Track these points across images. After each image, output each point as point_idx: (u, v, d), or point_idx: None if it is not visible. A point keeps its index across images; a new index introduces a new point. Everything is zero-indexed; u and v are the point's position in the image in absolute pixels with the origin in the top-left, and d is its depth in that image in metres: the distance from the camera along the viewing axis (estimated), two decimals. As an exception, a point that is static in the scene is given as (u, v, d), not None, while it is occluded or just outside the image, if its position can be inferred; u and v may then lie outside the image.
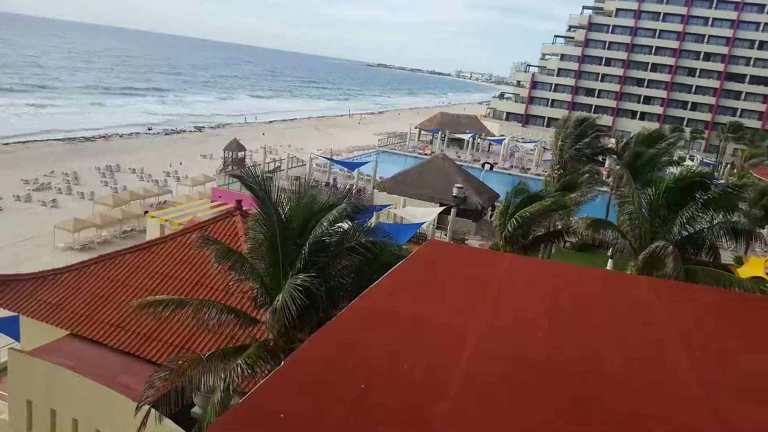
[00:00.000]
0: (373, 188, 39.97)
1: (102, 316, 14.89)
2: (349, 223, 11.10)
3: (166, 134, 69.02)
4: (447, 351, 4.68)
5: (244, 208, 17.23)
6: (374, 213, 28.04)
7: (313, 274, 9.71)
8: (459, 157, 65.83)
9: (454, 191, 35.99)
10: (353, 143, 69.73)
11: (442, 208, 34.19)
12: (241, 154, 48.24)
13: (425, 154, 62.86)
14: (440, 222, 35.00)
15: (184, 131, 72.87)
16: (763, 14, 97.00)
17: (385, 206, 33.52)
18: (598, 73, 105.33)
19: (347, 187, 13.90)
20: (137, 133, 67.37)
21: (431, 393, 3.98)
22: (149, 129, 70.36)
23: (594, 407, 3.96)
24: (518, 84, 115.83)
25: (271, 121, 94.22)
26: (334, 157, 52.73)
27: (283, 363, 4.20)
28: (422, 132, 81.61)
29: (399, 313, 5.29)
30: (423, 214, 32.03)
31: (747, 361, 4.72)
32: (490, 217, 35.37)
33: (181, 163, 49.75)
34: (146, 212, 31.08)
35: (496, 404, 3.96)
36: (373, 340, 4.70)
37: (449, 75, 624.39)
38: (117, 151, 54.25)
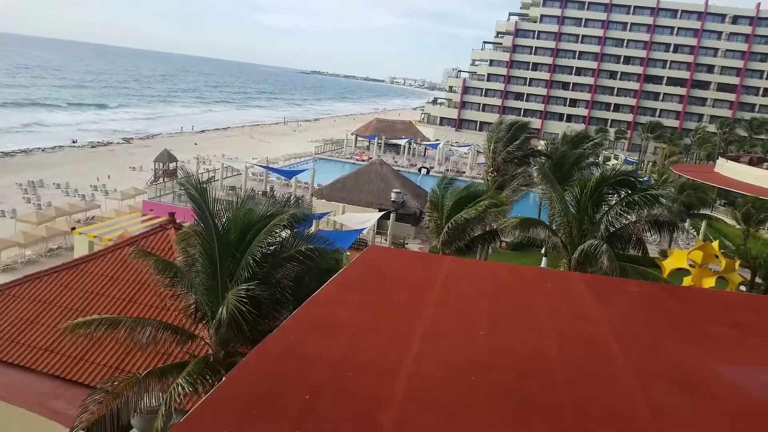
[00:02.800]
0: (312, 196, 39.67)
1: (29, 340, 14.01)
2: (289, 232, 10.94)
3: (92, 147, 65.92)
4: (391, 356, 4.67)
5: (177, 221, 16.67)
6: (313, 221, 27.81)
7: (257, 281, 9.51)
8: (396, 162, 66.44)
9: (393, 196, 36.24)
10: (289, 151, 69.01)
11: (382, 213, 34.36)
12: (172, 165, 46.72)
13: (362, 160, 63.07)
14: (380, 227, 35.15)
15: (111, 143, 69.88)
16: (676, 19, 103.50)
17: (325, 214, 33.33)
18: (526, 78, 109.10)
19: (285, 195, 13.72)
20: (61, 146, 63.96)
21: (378, 399, 3.96)
22: (74, 142, 66.98)
23: (537, 403, 4.04)
24: (450, 89, 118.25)
25: (203, 131, 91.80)
26: (271, 166, 51.98)
27: (224, 378, 4.07)
28: (359, 138, 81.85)
29: (342, 320, 5.24)
30: (362, 220, 32.06)
31: (675, 351, 4.96)
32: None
33: (108, 176, 47.63)
34: (73, 229, 29.51)
35: (442, 405, 3.98)
36: (317, 349, 4.62)
37: (383, 81, 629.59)
38: (39, 166, 51.29)
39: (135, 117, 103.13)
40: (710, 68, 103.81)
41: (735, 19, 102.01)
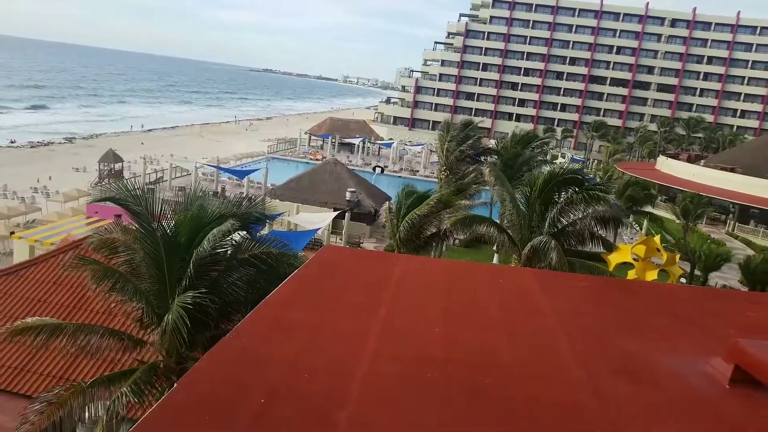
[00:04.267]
0: (265, 196, 39.15)
1: (-38, 352, 13.30)
2: (241, 233, 10.76)
3: (32, 147, 63.00)
4: (347, 356, 4.68)
5: (125, 224, 16.14)
6: (267, 222, 27.43)
7: (204, 291, 9.28)
8: (350, 161, 66.37)
9: (347, 195, 36.19)
10: (241, 150, 67.82)
11: (336, 212, 34.26)
12: (118, 165, 45.25)
13: (316, 160, 62.72)
14: (335, 227, 35.03)
15: (53, 143, 66.96)
16: (618, 22, 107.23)
17: (278, 214, 32.94)
18: (477, 78, 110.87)
19: (237, 196, 13.47)
20: (-3, 146, 60.94)
21: (334, 399, 3.96)
22: (12, 142, 63.85)
23: (491, 397, 4.12)
24: (403, 89, 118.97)
25: (150, 130, 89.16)
26: (222, 165, 50.97)
27: (175, 385, 3.97)
28: (312, 137, 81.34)
29: (297, 322, 5.20)
30: (317, 220, 31.87)
31: (621, 342, 5.15)
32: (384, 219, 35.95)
33: (50, 178, 45.64)
34: (12, 233, 28.15)
35: (398, 402, 4.01)
36: (271, 352, 4.58)
37: (336, 80, 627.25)
38: (-28, 168, 48.67)
39: (78, 116, 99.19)
40: (650, 69, 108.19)
41: (673, 23, 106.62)
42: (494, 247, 29.02)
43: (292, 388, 4.04)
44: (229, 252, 10.51)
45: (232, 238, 10.57)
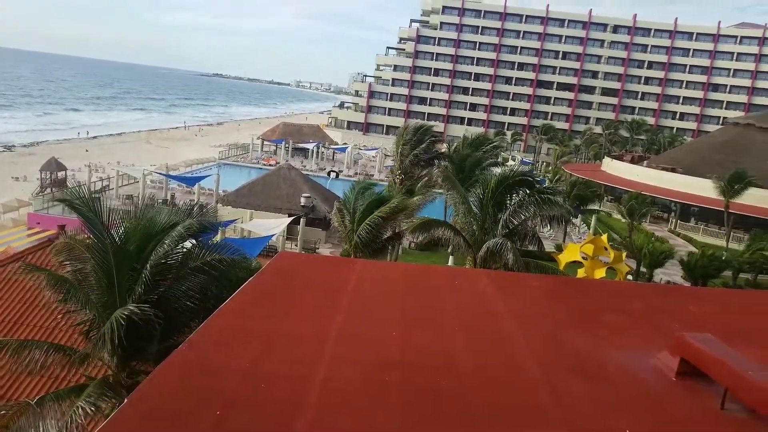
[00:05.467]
0: (216, 203, 38.39)
1: None
2: (193, 241, 10.51)
3: (-34, 155, 59.88)
4: (305, 362, 4.62)
5: (68, 234, 15.51)
6: (219, 229, 26.91)
7: (152, 300, 9.00)
8: (304, 166, 65.93)
9: (302, 201, 35.92)
10: (191, 156, 66.30)
11: (291, 218, 33.92)
12: (61, 173, 43.55)
13: (270, 165, 61.95)
14: (290, 233, 34.69)
15: (-11, 151, 63.86)
16: (564, 28, 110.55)
17: (231, 221, 32.37)
18: (429, 83, 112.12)
19: (188, 203, 13.17)
20: (-73, 155, 57.58)
21: (292, 407, 3.90)
22: (-58, 150, 60.51)
23: (447, 398, 4.15)
24: (357, 94, 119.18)
25: (95, 137, 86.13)
26: (171, 172, 49.73)
27: (126, 400, 3.83)
28: (265, 142, 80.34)
29: (252, 330, 5.11)
30: (271, 226, 31.48)
31: (573, 340, 5.28)
32: (339, 224, 35.89)
33: (-14, 188, 43.45)
34: (-56, 246, 26.60)
35: (357, 407, 3.99)
36: (227, 362, 4.48)
37: (289, 85, 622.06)
38: None
39: (18, 123, 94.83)
40: (595, 74, 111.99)
41: (615, 29, 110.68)
42: (449, 249, 29.35)
43: (250, 397, 3.96)
44: (180, 260, 10.24)
45: (183, 246, 10.31)
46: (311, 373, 4.41)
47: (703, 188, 51.03)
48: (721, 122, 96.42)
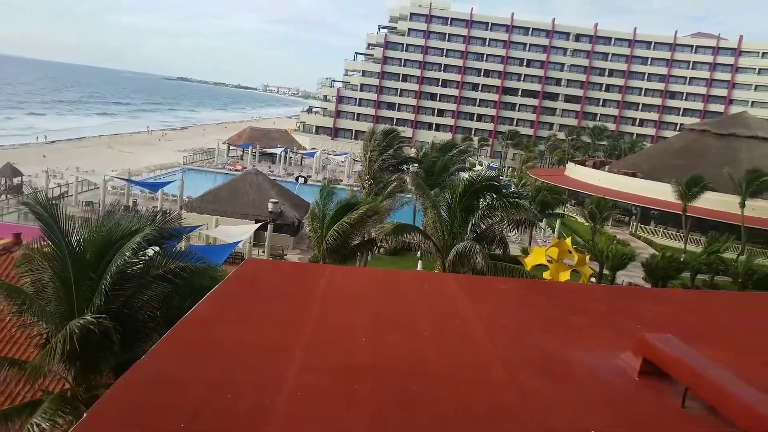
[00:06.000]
0: (181, 209, 37.70)
1: None
2: (155, 249, 10.28)
3: None
4: (273, 371, 4.56)
5: (24, 242, 15.01)
6: (183, 236, 26.43)
7: (113, 310, 8.77)
8: (272, 171, 65.40)
9: (270, 206, 35.58)
10: (155, 162, 64.98)
11: (258, 224, 33.55)
12: (16, 179, 42.20)
13: (236, 170, 61.25)
14: (257, 239, 34.32)
15: (-60, 157, 61.27)
16: (528, 36, 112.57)
17: (195, 227, 31.82)
18: (397, 89, 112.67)
19: (151, 210, 12.87)
20: None
21: (259, 417, 3.84)
22: None
23: (418, 402, 4.15)
24: (325, 98, 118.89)
25: (54, 141, 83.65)
26: (134, 178, 48.64)
27: (84, 415, 3.71)
28: (231, 147, 79.39)
29: (218, 340, 5.01)
30: (238, 232, 31.05)
31: (539, 341, 5.34)
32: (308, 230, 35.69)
33: (-63, 195, 41.72)
34: None
35: (327, 416, 3.95)
36: (191, 373, 4.38)
37: (256, 89, 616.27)
38: None
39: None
40: (558, 81, 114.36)
41: (577, 37, 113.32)
42: (418, 254, 29.47)
43: (216, 408, 3.88)
44: (142, 269, 10.00)
45: (145, 254, 10.08)
46: (279, 382, 4.35)
47: (662, 192, 52.59)
48: (678, 128, 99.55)
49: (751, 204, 46.34)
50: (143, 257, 10.03)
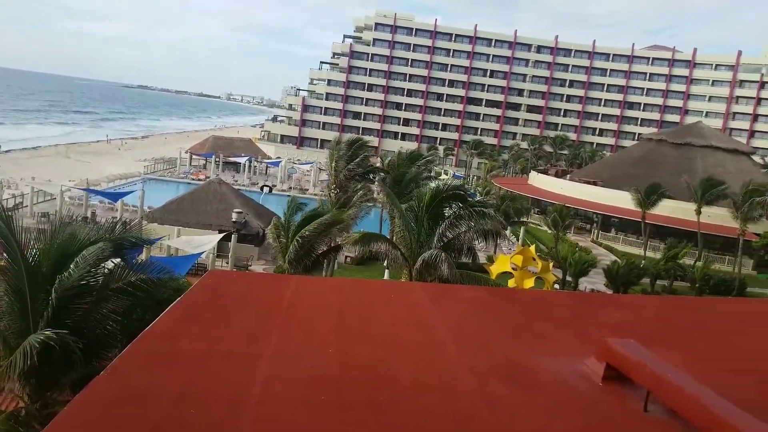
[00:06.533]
0: (141, 220, 36.84)
1: None
2: (115, 261, 10.00)
3: None
4: (238, 384, 4.48)
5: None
6: (144, 247, 25.82)
7: (71, 325, 8.48)
8: (236, 181, 64.62)
9: (234, 216, 35.13)
10: (114, 171, 63.37)
11: (222, 234, 33.02)
12: (-32, 190, 40.57)
13: (199, 180, 60.30)
14: (221, 250, 33.78)
15: None
16: (491, 47, 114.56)
17: (157, 238, 31.12)
18: (363, 98, 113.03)
19: (110, 220, 12.55)
20: None
21: (225, 430, 3.76)
22: None
23: (387, 413, 4.13)
24: (290, 107, 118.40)
25: (8, 151, 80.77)
26: (92, 188, 47.35)
27: (41, 434, 3.56)
28: (194, 156, 78.15)
29: (181, 352, 4.90)
30: (201, 243, 30.50)
31: (505, 348, 5.39)
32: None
33: None
34: None
35: (293, 427, 3.90)
36: (153, 387, 4.26)
37: (219, 97, 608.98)
38: None
39: None
40: (520, 92, 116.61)
41: (539, 49, 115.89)
42: (385, 263, 29.48)
43: (179, 422, 3.79)
44: (101, 281, 9.71)
45: (105, 266, 9.79)
46: (245, 395, 4.28)
47: (622, 200, 54.01)
48: (636, 138, 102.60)
49: (707, 211, 48.01)
50: (102, 269, 9.75)
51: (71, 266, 9.15)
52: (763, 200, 40.71)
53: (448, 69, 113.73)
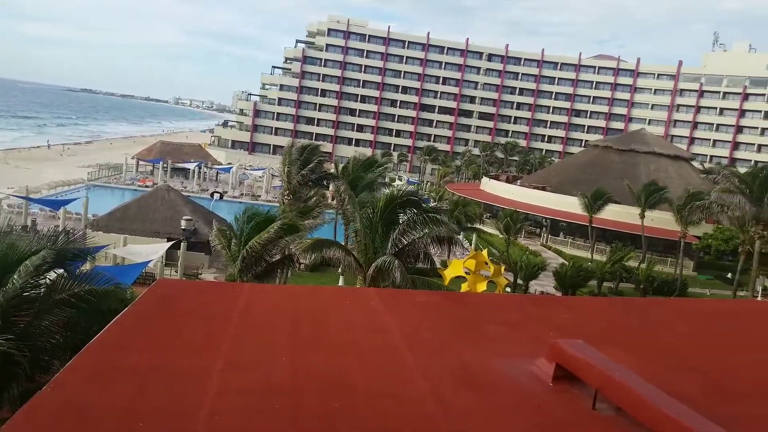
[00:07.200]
0: (86, 228, 35.49)
1: None
2: (58, 271, 9.60)
3: None
4: (188, 396, 4.35)
5: None
6: (89, 256, 24.87)
7: (11, 338, 8.09)
8: (185, 187, 63.22)
9: (183, 224, 34.34)
10: (56, 178, 60.93)
11: (171, 243, 32.20)
12: None
13: (146, 186, 58.69)
14: (169, 258, 32.94)
15: None
16: (443, 55, 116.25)
17: (102, 247, 30.03)
18: (316, 104, 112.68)
19: (52, 229, 12.04)
20: None
21: (174, 445, 3.64)
22: None
23: (340, 420, 4.10)
24: (241, 112, 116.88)
25: (-60, 156, 76.44)
26: (32, 196, 45.36)
27: (-26, 456, 3.36)
28: (141, 162, 76.04)
29: (128, 365, 4.73)
30: (149, 251, 29.65)
31: (459, 351, 5.45)
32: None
33: None
34: None
35: (246, 439, 3.81)
36: (98, 402, 4.10)
37: (167, 102, 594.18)
38: None
39: None
40: (472, 99, 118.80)
41: (490, 57, 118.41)
42: (339, 270, 29.38)
43: (125, 439, 3.65)
44: (43, 293, 9.30)
45: (47, 277, 9.38)
46: (195, 407, 4.16)
47: (570, 205, 55.67)
48: (583, 145, 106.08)
49: (650, 215, 50.02)
50: (45, 280, 9.34)
51: (13, 277, 8.73)
52: (702, 204, 42.73)
53: (402, 76, 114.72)
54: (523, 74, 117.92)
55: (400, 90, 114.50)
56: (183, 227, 34.11)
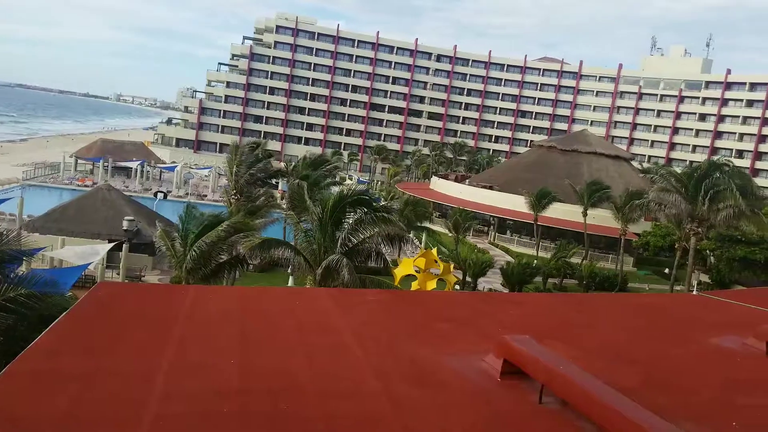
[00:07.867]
0: (20, 229, 33.76)
1: None
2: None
3: None
4: (132, 401, 4.21)
5: None
6: (24, 259, 23.66)
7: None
8: (127, 187, 61.19)
9: (125, 225, 33.24)
10: (-12, 177, 57.81)
11: (112, 244, 31.06)
12: None
13: (86, 186, 56.46)
14: (111, 260, 31.79)
15: None
16: (393, 54, 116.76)
17: (38, 249, 28.64)
18: (264, 101, 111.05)
19: (-17, 230, 11.39)
20: None
21: (117, 454, 3.52)
22: None
23: (289, 421, 4.06)
24: (186, 110, 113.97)
25: None
26: (-38, 196, 42.84)
27: None
28: (80, 161, 73.00)
29: (67, 371, 4.54)
30: (88, 253, 28.51)
31: (409, 349, 5.48)
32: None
33: None
34: None
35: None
36: (34, 411, 3.92)
37: (108, 98, 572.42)
38: None
39: None
40: (422, 99, 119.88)
41: (438, 58, 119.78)
42: (289, 270, 29.07)
43: (63, 449, 3.50)
44: (-27, 298, 8.79)
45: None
46: (139, 413, 4.03)
47: (516, 203, 57.03)
48: (529, 145, 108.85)
49: (593, 213, 51.80)
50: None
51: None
52: (641, 203, 44.54)
53: (351, 74, 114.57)
54: (471, 75, 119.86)
55: (350, 89, 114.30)
56: (125, 228, 32.96)
